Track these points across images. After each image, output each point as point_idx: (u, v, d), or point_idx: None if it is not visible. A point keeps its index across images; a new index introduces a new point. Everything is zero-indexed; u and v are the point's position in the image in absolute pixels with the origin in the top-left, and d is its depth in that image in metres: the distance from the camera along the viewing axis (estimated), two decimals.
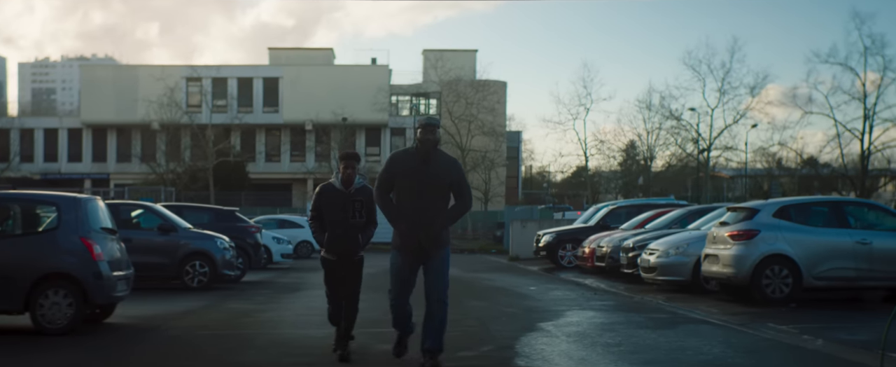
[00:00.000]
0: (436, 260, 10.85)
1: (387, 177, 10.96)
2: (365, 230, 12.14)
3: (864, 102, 65.25)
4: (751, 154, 74.74)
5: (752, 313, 17.44)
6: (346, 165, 12.03)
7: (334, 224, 11.99)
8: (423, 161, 10.75)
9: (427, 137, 10.78)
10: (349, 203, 11.97)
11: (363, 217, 12.04)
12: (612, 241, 27.28)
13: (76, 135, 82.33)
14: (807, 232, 19.32)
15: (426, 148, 10.76)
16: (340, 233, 11.99)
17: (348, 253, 12.05)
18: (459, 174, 10.95)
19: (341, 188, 12.00)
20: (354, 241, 12.04)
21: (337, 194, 12.02)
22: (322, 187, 12.31)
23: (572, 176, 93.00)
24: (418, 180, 10.71)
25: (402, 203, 10.84)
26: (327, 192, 12.12)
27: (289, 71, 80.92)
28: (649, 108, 75.95)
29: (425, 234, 10.70)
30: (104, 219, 15.59)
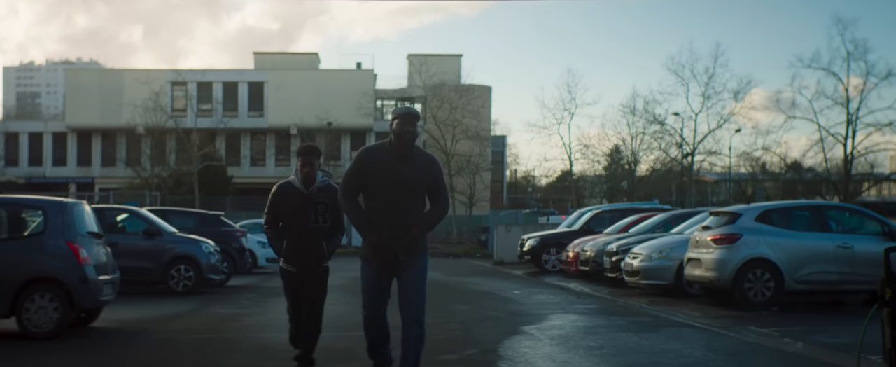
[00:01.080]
0: (412, 271, 9.33)
1: (355, 177, 9.33)
2: (330, 237, 10.80)
3: (848, 107, 65.55)
4: (735, 159, 75.02)
5: (735, 316, 17.55)
6: (303, 162, 10.61)
7: (293, 230, 10.64)
8: (399, 158, 9.20)
9: (406, 129, 9.18)
10: (310, 205, 10.51)
11: (327, 222, 10.63)
12: (595, 245, 27.40)
13: (61, 139, 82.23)
14: (788, 236, 19.46)
15: (404, 143, 9.20)
16: (301, 240, 10.63)
17: (310, 264, 10.71)
18: (437, 174, 9.49)
19: (301, 188, 10.57)
20: (317, 250, 10.68)
21: (295, 195, 10.58)
22: (278, 186, 10.82)
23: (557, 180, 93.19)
24: (393, 181, 9.16)
25: (373, 207, 9.27)
26: (284, 192, 10.69)
27: (274, 75, 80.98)
28: (633, 113, 76.16)
29: (402, 244, 9.19)
30: (90, 223, 15.64)
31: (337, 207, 10.51)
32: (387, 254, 9.26)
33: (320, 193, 10.59)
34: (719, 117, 72.32)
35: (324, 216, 10.59)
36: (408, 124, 9.20)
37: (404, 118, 9.22)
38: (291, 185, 10.66)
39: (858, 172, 68.64)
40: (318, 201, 10.56)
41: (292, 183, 10.66)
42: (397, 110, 9.32)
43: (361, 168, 9.29)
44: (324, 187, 10.64)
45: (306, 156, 10.62)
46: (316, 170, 10.60)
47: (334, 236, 10.84)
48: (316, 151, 10.73)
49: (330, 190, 10.63)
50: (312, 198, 10.54)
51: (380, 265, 9.39)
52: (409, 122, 9.21)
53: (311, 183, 10.57)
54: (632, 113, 76.19)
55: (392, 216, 9.20)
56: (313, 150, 10.73)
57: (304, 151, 10.69)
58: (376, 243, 9.22)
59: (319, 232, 10.63)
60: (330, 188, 10.66)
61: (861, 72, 65.95)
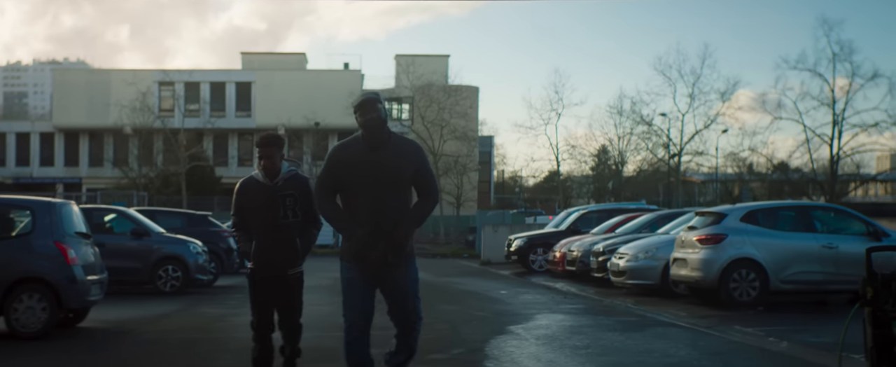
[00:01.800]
0: (400, 279, 8.41)
1: (329, 174, 8.39)
2: (304, 234, 9.77)
3: (833, 108, 65.84)
4: (722, 159, 75.29)
5: (720, 316, 17.66)
6: (261, 155, 9.58)
7: (261, 229, 9.59)
8: (372, 149, 8.25)
9: (368, 116, 8.23)
10: (277, 200, 9.48)
11: (298, 216, 9.57)
12: (582, 245, 27.47)
13: (48, 139, 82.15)
14: (774, 236, 19.59)
15: (372, 131, 8.24)
16: (270, 240, 9.57)
17: (283, 265, 9.64)
18: (421, 162, 8.45)
19: (264, 182, 9.55)
20: (289, 249, 9.63)
21: (260, 190, 9.57)
22: (241, 182, 9.84)
23: (544, 181, 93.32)
24: (370, 174, 8.19)
25: (353, 206, 8.28)
26: (247, 188, 9.69)
27: (261, 76, 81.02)
28: (620, 113, 76.48)
29: (388, 244, 8.14)
30: (78, 223, 15.69)
31: (308, 198, 9.51)
32: (372, 258, 8.15)
33: (287, 184, 9.57)
34: (706, 118, 72.72)
35: (293, 210, 9.54)
36: (369, 111, 8.26)
37: (363, 107, 8.29)
38: (254, 179, 9.68)
39: (845, 173, 68.90)
40: (285, 193, 9.52)
41: (255, 177, 9.68)
42: (354, 102, 8.48)
43: (335, 165, 8.37)
44: (290, 177, 9.64)
45: (264, 148, 9.55)
46: (277, 161, 9.55)
47: (309, 231, 9.81)
48: (275, 141, 9.62)
49: (298, 181, 9.66)
50: (278, 191, 9.52)
51: (365, 269, 8.24)
52: (368, 108, 8.27)
53: (274, 175, 9.55)
54: (619, 113, 76.56)
55: (375, 213, 8.17)
56: (272, 140, 9.63)
57: (264, 141, 9.60)
58: (361, 238, 8.12)
59: (291, 228, 9.59)
60: (298, 179, 9.69)
61: (847, 73, 66.33)
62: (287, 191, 9.54)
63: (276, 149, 9.53)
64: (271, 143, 9.54)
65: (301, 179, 9.67)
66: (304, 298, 10.04)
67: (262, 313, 9.80)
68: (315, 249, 54.96)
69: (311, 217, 9.71)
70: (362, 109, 8.25)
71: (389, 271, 8.28)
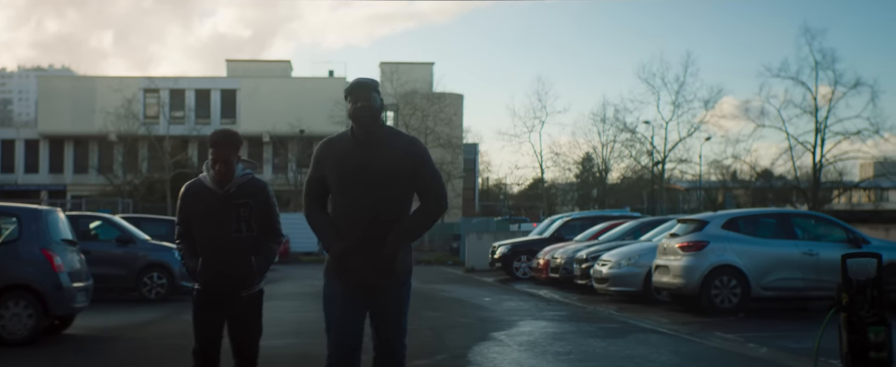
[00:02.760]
0: (389, 300, 7.06)
1: (315, 175, 7.10)
2: (261, 250, 7.96)
3: (816, 116, 66.14)
4: (705, 167, 75.62)
5: (702, 322, 17.81)
6: (215, 157, 7.79)
7: (209, 243, 7.85)
8: (362, 144, 6.93)
9: (360, 104, 6.91)
10: (228, 209, 7.79)
11: (253, 229, 7.86)
12: (565, 252, 27.59)
13: (33, 146, 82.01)
14: (755, 243, 19.76)
15: (363, 122, 6.91)
16: (219, 257, 7.82)
17: (234, 286, 7.89)
18: (421, 159, 7.04)
19: (213, 187, 7.83)
20: (242, 267, 7.85)
21: (208, 197, 7.85)
22: (187, 186, 8.11)
23: (529, 188, 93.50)
24: (359, 173, 6.86)
25: (339, 211, 6.99)
26: (194, 194, 7.96)
27: (246, 83, 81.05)
28: (604, 121, 76.78)
29: (374, 262, 6.87)
30: (65, 231, 15.77)
31: (267, 208, 7.98)
32: (357, 270, 6.89)
33: (241, 191, 7.85)
34: (690, 126, 73.03)
35: (248, 222, 7.84)
36: (360, 97, 6.95)
37: (354, 92, 7.01)
38: (201, 184, 7.94)
39: (828, 181, 69.19)
40: (238, 202, 7.82)
41: (203, 182, 7.93)
42: (347, 87, 7.12)
43: (320, 164, 7.07)
44: (246, 182, 7.90)
45: (219, 148, 7.81)
46: (233, 167, 7.80)
47: (267, 247, 8.03)
48: (232, 140, 7.87)
49: (254, 187, 7.94)
50: (230, 199, 7.80)
51: (350, 287, 6.98)
52: (360, 94, 6.96)
53: (226, 179, 7.79)
54: (602, 121, 76.87)
55: (362, 221, 6.85)
56: (228, 138, 7.86)
57: (217, 141, 7.84)
58: (344, 257, 6.88)
59: (245, 244, 7.84)
60: (254, 184, 7.96)
61: (829, 81, 66.61)
62: (241, 199, 7.84)
63: (233, 150, 7.83)
64: (228, 142, 7.82)
65: (258, 185, 7.97)
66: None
67: (208, 341, 8.30)
68: (300, 255, 54.72)
69: (270, 230, 8.05)
70: (353, 94, 7.01)
71: (376, 292, 6.99)
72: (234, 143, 7.81)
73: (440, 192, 7.12)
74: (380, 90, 7.07)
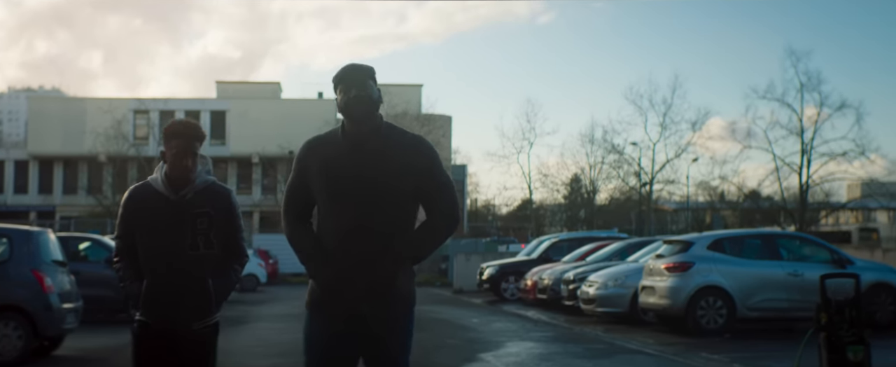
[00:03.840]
0: (388, 337, 5.56)
1: (298, 183, 5.75)
2: (220, 272, 6.33)
3: (802, 137, 66.38)
4: (693, 188, 75.79)
5: (687, 343, 17.93)
6: (178, 150, 6.24)
7: (157, 262, 6.20)
8: (355, 145, 5.59)
9: (354, 94, 5.57)
10: (184, 220, 6.20)
11: (213, 246, 6.24)
12: (553, 273, 27.70)
13: (22, 167, 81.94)
14: (740, 264, 19.91)
15: (358, 115, 5.58)
16: (169, 280, 6.17)
17: (185, 316, 6.20)
18: (430, 163, 5.63)
19: (166, 192, 6.25)
20: (197, 294, 6.21)
21: (158, 204, 6.25)
22: (131, 191, 6.51)
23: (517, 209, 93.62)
24: (351, 181, 5.50)
25: (327, 227, 5.59)
26: (141, 200, 6.35)
27: (236, 104, 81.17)
28: (592, 142, 77.16)
29: (367, 291, 5.46)
30: (55, 252, 15.86)
31: (230, 220, 6.40)
32: (350, 301, 5.49)
33: (200, 198, 6.29)
34: (677, 147, 73.31)
35: (207, 237, 6.23)
36: (356, 85, 5.59)
37: (345, 79, 5.67)
38: (150, 188, 6.37)
39: (815, 201, 69.39)
40: (196, 211, 6.23)
41: (153, 185, 6.37)
42: (336, 74, 5.77)
43: (305, 170, 5.72)
44: (206, 188, 6.36)
45: (179, 138, 6.26)
46: (196, 164, 6.30)
47: (229, 269, 6.41)
48: (197, 133, 6.33)
49: (216, 193, 6.41)
50: (187, 208, 6.23)
51: (338, 323, 5.54)
52: (356, 81, 5.62)
53: (184, 182, 6.26)
54: (591, 142, 77.31)
55: (357, 239, 5.46)
56: (194, 129, 6.33)
57: (176, 130, 6.30)
58: (331, 283, 5.51)
59: (202, 263, 6.21)
60: (216, 191, 6.42)
61: (815, 102, 66.89)
62: (200, 208, 6.25)
63: (197, 143, 6.28)
64: (194, 134, 6.28)
65: (221, 192, 6.44)
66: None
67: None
68: (288, 276, 54.31)
69: (233, 248, 6.42)
70: (345, 81, 5.64)
71: (369, 326, 5.51)
72: (200, 136, 6.29)
73: (451, 203, 5.68)
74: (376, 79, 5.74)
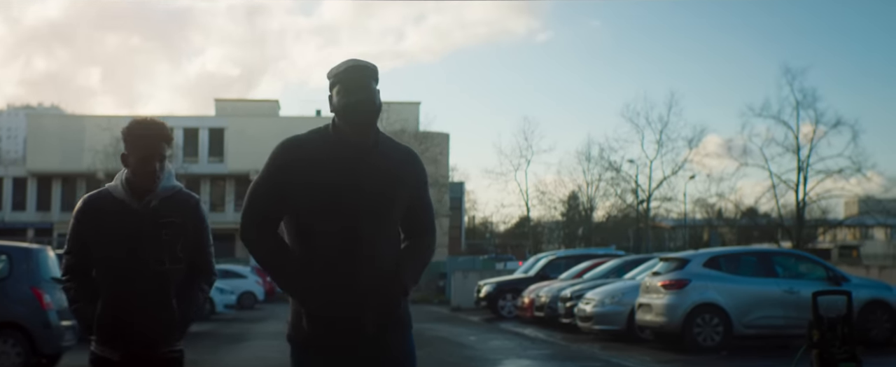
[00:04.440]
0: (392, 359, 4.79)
1: (271, 185, 4.82)
2: (186, 291, 5.48)
3: (798, 155, 66.42)
4: (690, 205, 75.79)
5: (684, 360, 17.99)
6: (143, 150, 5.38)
7: (116, 280, 5.32)
8: (351, 153, 4.79)
9: (357, 95, 4.77)
10: (149, 230, 5.35)
11: (180, 261, 5.42)
12: (550, 291, 27.72)
13: (21, 184, 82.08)
14: (736, 281, 19.96)
15: (359, 119, 4.79)
16: (130, 300, 5.29)
17: (149, 341, 5.35)
18: (420, 179, 5.06)
19: (127, 200, 5.39)
20: (162, 315, 5.36)
21: (119, 214, 5.35)
22: (87, 200, 5.47)
23: (515, 226, 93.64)
24: (345, 191, 4.70)
25: (313, 245, 4.69)
26: (98, 210, 5.39)
27: (234, 122, 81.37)
28: (589, 159, 77.20)
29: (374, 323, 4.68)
30: (54, 269, 15.90)
31: (200, 232, 5.56)
32: (353, 335, 4.67)
33: (165, 206, 5.44)
34: (674, 164, 73.35)
35: (172, 250, 5.38)
36: (360, 87, 4.78)
37: (349, 78, 4.81)
38: (110, 195, 5.44)
39: (812, 218, 69.39)
40: (162, 220, 5.40)
41: (112, 193, 5.45)
42: (333, 71, 4.94)
43: (280, 174, 4.81)
44: (172, 195, 5.52)
45: (151, 141, 5.42)
46: (163, 167, 5.45)
47: (196, 287, 5.54)
48: (166, 135, 5.46)
49: (184, 201, 5.55)
50: (152, 217, 5.38)
51: (337, 356, 4.70)
52: (360, 82, 4.79)
53: (147, 190, 5.41)
54: (588, 160, 77.31)
55: (358, 261, 4.66)
56: (161, 129, 5.45)
57: (146, 131, 5.42)
58: (323, 309, 4.65)
59: (168, 281, 5.38)
60: (182, 198, 5.57)
61: (811, 120, 66.95)
62: (166, 217, 5.41)
63: (165, 143, 5.45)
64: (159, 134, 5.43)
65: (189, 200, 5.58)
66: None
67: None
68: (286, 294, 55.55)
69: (202, 264, 5.58)
70: (347, 81, 4.81)
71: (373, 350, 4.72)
72: (167, 137, 5.45)
73: (432, 226, 5.21)
74: None
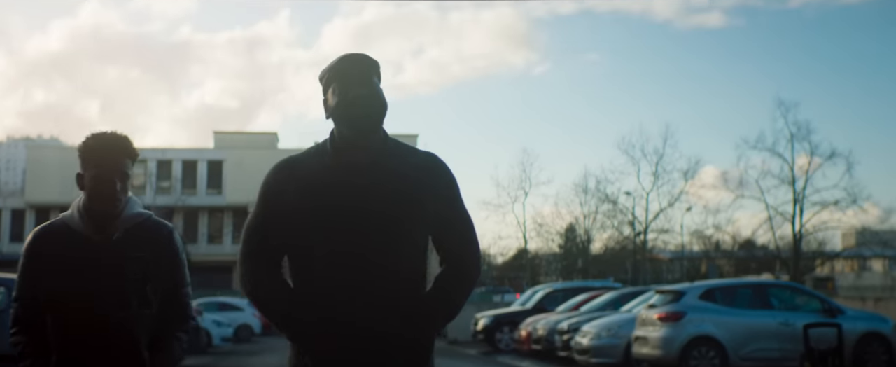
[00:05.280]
0: None
1: (267, 217, 4.08)
2: (160, 342, 4.58)
3: (794, 186, 66.48)
4: (688, 237, 75.81)
5: None
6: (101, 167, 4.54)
7: (74, 328, 4.40)
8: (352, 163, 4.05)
9: (357, 90, 4.01)
10: (112, 267, 4.44)
11: (150, 305, 4.53)
12: (547, 324, 27.65)
13: (19, 215, 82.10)
14: (732, 314, 20.01)
15: (364, 124, 4.04)
16: (89, 352, 4.38)
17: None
18: (446, 188, 4.15)
19: (86, 231, 4.49)
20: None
21: (77, 247, 4.45)
22: (39, 232, 4.56)
23: (513, 258, 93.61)
24: (348, 210, 3.92)
25: (311, 277, 3.94)
26: (51, 244, 4.48)
27: (233, 154, 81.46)
28: (586, 191, 77.22)
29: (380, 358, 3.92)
30: None
31: (173, 269, 4.67)
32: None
33: (132, 237, 4.52)
34: (670, 196, 73.38)
35: (141, 291, 4.48)
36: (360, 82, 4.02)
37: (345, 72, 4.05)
38: (67, 226, 4.51)
39: (809, 250, 69.41)
40: (129, 255, 4.46)
41: (68, 223, 4.52)
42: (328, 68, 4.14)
43: (274, 199, 4.08)
44: (140, 224, 4.60)
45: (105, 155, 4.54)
46: (125, 190, 4.58)
47: (170, 335, 4.64)
48: (125, 148, 4.59)
49: (154, 232, 4.65)
50: (116, 251, 4.46)
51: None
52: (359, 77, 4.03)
53: (109, 218, 4.50)
54: (585, 192, 77.32)
55: (356, 289, 3.88)
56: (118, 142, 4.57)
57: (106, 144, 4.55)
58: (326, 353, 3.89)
59: (134, 327, 4.47)
60: (154, 229, 4.66)
61: (806, 152, 67.04)
62: (133, 251, 4.48)
63: (128, 160, 4.59)
64: (120, 147, 4.55)
65: (161, 230, 4.67)
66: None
67: None
68: None
69: (176, 308, 4.66)
70: (341, 77, 4.03)
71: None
72: (130, 152, 4.57)
73: (477, 247, 4.26)
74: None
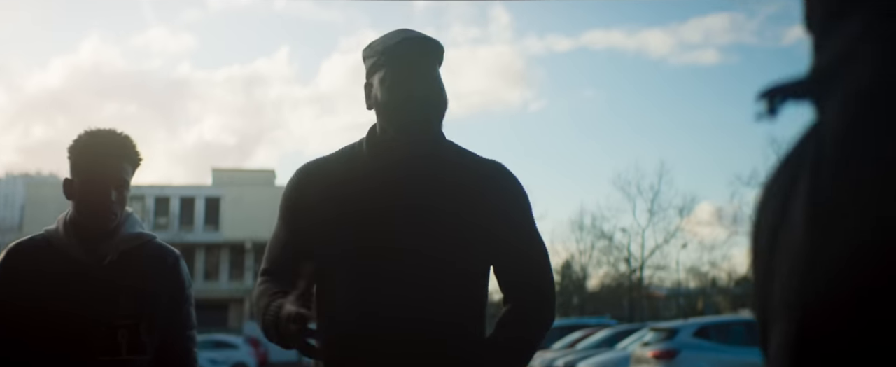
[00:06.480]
0: None
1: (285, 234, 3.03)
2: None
3: None
4: (684, 274, 75.83)
5: None
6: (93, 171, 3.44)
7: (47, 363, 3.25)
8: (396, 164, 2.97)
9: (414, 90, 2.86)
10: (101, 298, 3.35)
11: (143, 348, 3.40)
12: (543, 361, 27.55)
13: None
14: (726, 351, 19.96)
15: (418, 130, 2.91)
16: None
17: None
18: (516, 207, 3.21)
19: (72, 250, 3.43)
20: None
21: (60, 272, 3.39)
22: (13, 249, 3.59)
23: None
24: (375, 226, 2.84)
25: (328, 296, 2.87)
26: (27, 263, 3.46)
27: (230, 191, 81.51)
28: (581, 228, 77.45)
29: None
30: None
31: (176, 305, 3.63)
32: None
33: (128, 262, 3.50)
34: (666, 232, 73.46)
35: (133, 332, 3.39)
36: (421, 76, 2.92)
37: (401, 56, 2.91)
38: (47, 243, 3.55)
39: None
40: (121, 283, 3.44)
41: (51, 241, 3.55)
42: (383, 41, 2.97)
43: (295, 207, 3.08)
44: (140, 246, 3.60)
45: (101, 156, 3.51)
46: (122, 201, 3.53)
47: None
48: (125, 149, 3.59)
49: (155, 257, 3.63)
50: (107, 278, 3.44)
51: None
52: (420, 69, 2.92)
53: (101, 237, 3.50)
54: (580, 228, 77.59)
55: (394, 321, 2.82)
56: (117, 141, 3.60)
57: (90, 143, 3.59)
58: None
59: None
60: (153, 253, 3.64)
61: None
62: (127, 278, 3.50)
63: (129, 165, 3.60)
64: (118, 148, 3.60)
65: (165, 257, 3.71)
66: None
67: None
68: (279, 365, 52.92)
69: (177, 355, 3.63)
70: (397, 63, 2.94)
71: None
72: (132, 157, 3.64)
73: (552, 277, 3.37)
74: None
